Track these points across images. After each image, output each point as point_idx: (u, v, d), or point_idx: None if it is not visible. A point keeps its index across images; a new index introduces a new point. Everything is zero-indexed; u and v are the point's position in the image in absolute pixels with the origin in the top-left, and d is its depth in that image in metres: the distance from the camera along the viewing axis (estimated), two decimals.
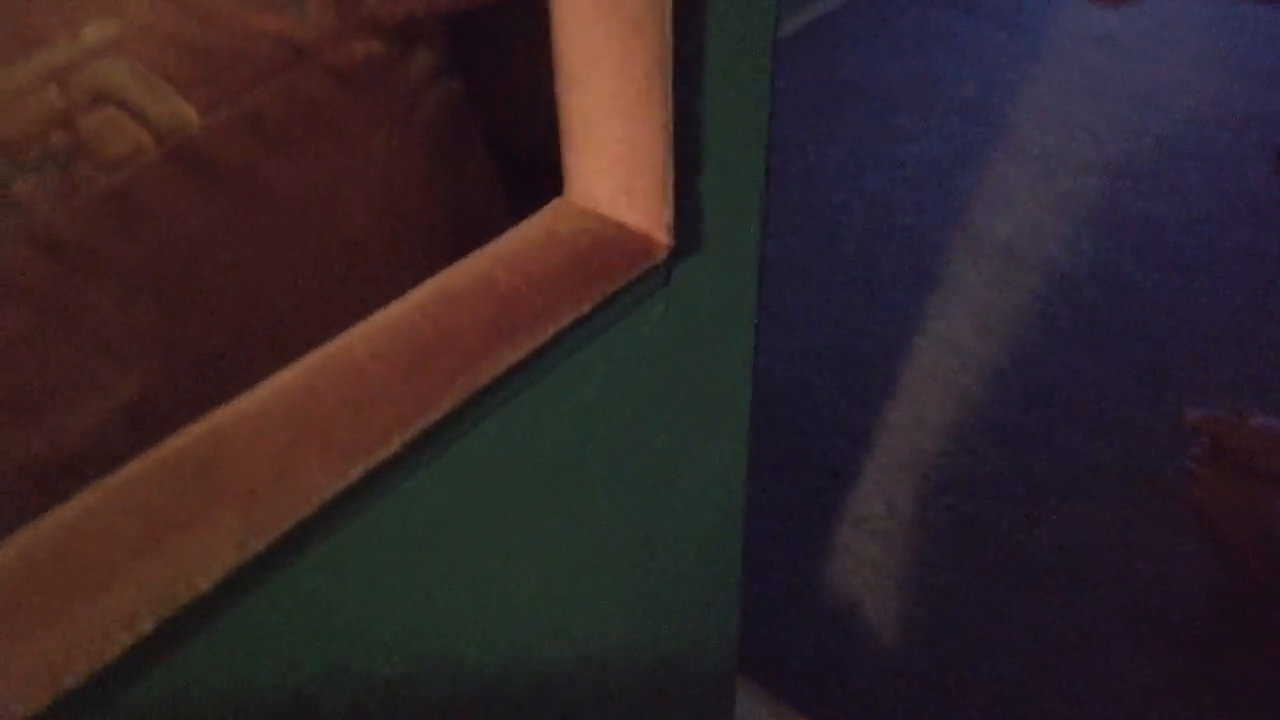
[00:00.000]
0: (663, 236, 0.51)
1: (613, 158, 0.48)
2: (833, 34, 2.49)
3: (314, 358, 0.41)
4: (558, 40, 0.46)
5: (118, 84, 0.38)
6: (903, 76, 2.28)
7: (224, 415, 0.38)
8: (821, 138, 2.08)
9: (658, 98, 0.46)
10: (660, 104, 0.46)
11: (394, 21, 0.42)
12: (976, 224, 1.81)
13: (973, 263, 1.72)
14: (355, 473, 0.38)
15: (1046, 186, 1.90)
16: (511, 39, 0.54)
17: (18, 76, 0.38)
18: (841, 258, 1.75)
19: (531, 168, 0.55)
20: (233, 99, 0.40)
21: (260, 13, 0.42)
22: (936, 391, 1.47)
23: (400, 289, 0.46)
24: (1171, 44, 2.37)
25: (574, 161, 0.50)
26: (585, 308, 0.47)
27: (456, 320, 0.44)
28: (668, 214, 0.50)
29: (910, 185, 1.92)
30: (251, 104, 0.41)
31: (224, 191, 0.39)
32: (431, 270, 0.47)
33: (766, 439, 1.40)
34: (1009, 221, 1.81)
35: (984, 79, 2.26)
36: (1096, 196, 1.86)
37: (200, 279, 0.39)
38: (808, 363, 1.53)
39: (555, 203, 0.52)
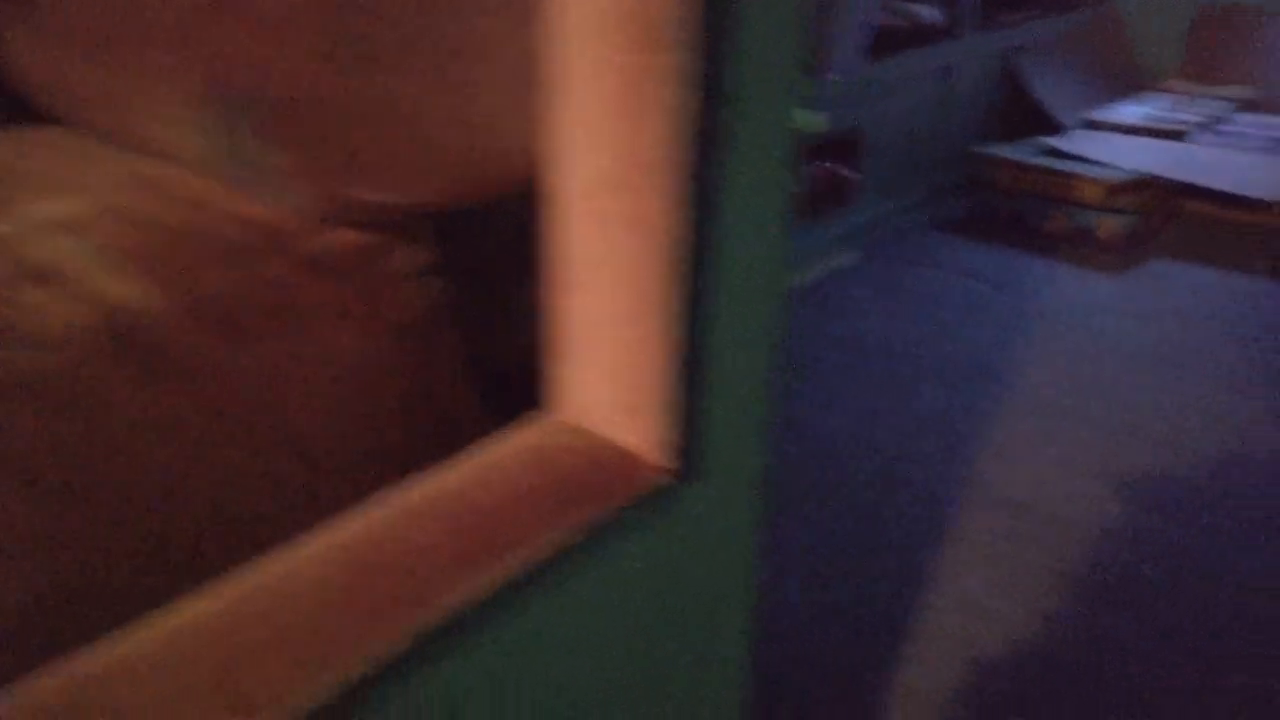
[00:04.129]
0: (664, 460, 0.45)
1: (611, 369, 0.44)
2: (842, 291, 2.56)
3: (235, 583, 0.34)
4: (555, 239, 0.43)
5: (67, 260, 0.35)
6: (912, 334, 2.31)
7: (110, 650, 0.31)
8: (832, 390, 2.07)
9: (666, 306, 0.42)
10: (671, 311, 0.42)
11: (374, 212, 0.39)
12: (989, 480, 1.76)
13: (983, 517, 1.65)
14: None
15: (1060, 444, 1.86)
16: (498, 238, 0.52)
17: None
18: (854, 510, 1.68)
19: (504, 379, 0.51)
20: (194, 283, 0.36)
21: (241, 198, 0.40)
22: (958, 656, 1.35)
23: (355, 501, 0.40)
24: (1168, 309, 2.42)
25: (564, 373, 0.46)
26: (572, 537, 0.41)
27: (415, 542, 0.38)
28: (672, 435, 0.45)
29: (922, 440, 1.89)
30: (213, 288, 0.37)
31: (167, 380, 0.35)
32: (393, 482, 0.41)
33: (775, 706, 1.27)
34: (1020, 477, 1.76)
35: (993, 339, 2.29)
36: (1108, 455, 1.82)
37: (123, 476, 0.33)
38: (822, 622, 1.42)
39: (541, 416, 0.46)
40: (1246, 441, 1.86)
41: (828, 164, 2.69)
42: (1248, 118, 3.35)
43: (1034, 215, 2.88)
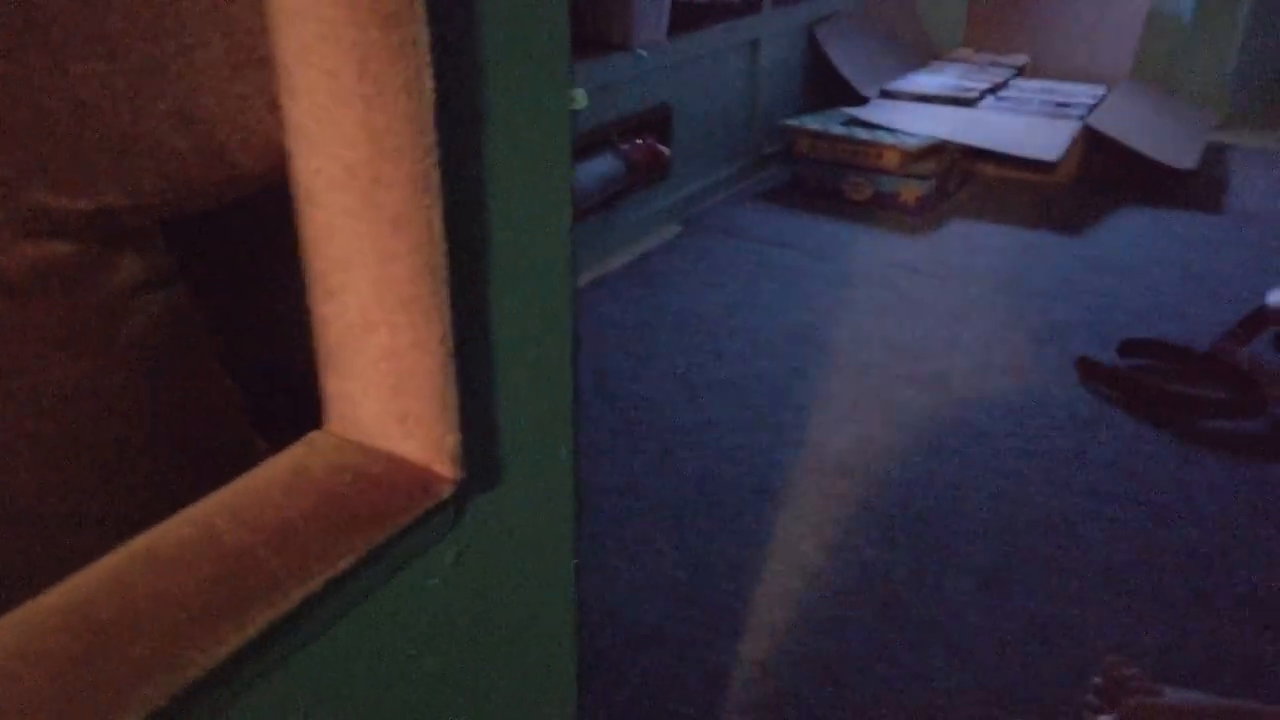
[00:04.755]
0: (447, 469, 0.42)
1: (379, 377, 0.40)
2: (660, 267, 2.58)
3: None
4: (308, 244, 0.39)
5: None
6: (729, 304, 2.36)
7: None
8: (655, 363, 2.08)
9: (430, 305, 0.38)
10: (434, 312, 0.39)
11: (80, 220, 0.34)
12: (810, 440, 1.82)
13: (810, 479, 1.70)
14: None
15: (872, 402, 1.94)
16: (257, 244, 0.47)
17: None
18: (684, 480, 1.69)
19: (292, 398, 0.46)
20: None
21: None
22: (790, 619, 1.38)
23: (88, 557, 0.35)
24: (966, 267, 2.57)
25: (334, 384, 0.41)
26: (343, 564, 0.37)
27: (160, 594, 0.33)
28: (452, 441, 0.42)
29: (745, 405, 1.93)
30: None
31: None
32: (137, 530, 0.37)
33: (614, 686, 1.27)
34: (840, 436, 1.82)
35: (804, 304, 2.36)
36: (919, 409, 1.92)
37: None
38: (656, 593, 1.43)
39: (311, 435, 0.42)
40: (1042, 390, 1.99)
41: (644, 140, 2.69)
42: (1027, 83, 3.60)
43: (841, 183, 2.99)
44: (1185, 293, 2.42)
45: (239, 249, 0.47)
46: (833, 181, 3.00)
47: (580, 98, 2.18)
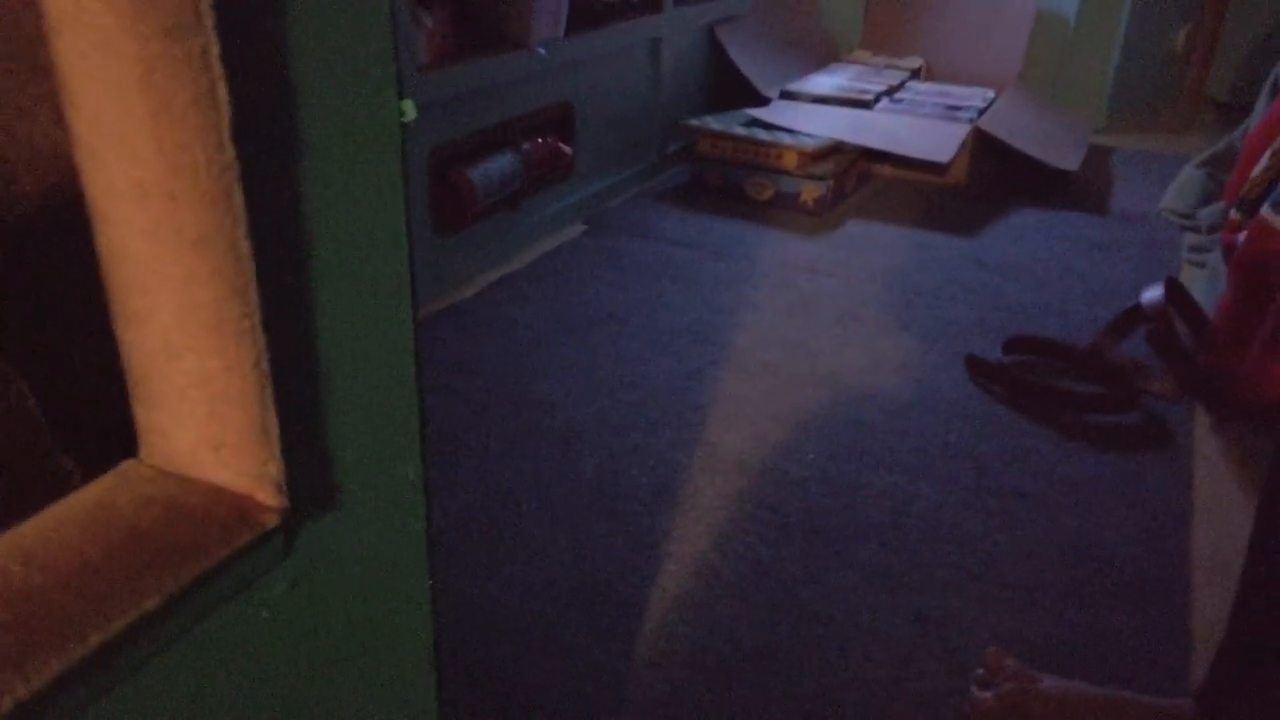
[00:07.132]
0: (270, 497, 0.40)
1: (190, 405, 0.38)
2: (563, 266, 2.57)
3: None
4: (105, 266, 0.37)
5: None
6: (632, 304, 2.36)
7: None
8: (557, 363, 2.07)
9: (240, 329, 0.37)
10: (245, 336, 0.37)
11: None
12: (710, 440, 1.83)
13: (708, 478, 1.71)
14: None
15: (769, 400, 1.97)
16: (62, 265, 0.44)
17: None
18: (581, 481, 1.69)
19: (109, 427, 0.44)
20: None
21: None
22: (686, 618, 1.39)
23: None
24: (862, 266, 2.62)
25: (144, 414, 0.39)
26: (148, 605, 0.35)
27: None
28: (274, 468, 0.40)
29: (645, 406, 1.93)
30: None
31: None
32: None
33: (504, 690, 1.25)
34: (739, 435, 1.84)
35: (707, 304, 2.37)
36: (814, 407, 1.95)
37: None
38: (550, 597, 1.42)
39: (122, 466, 0.40)
40: (931, 387, 2.05)
41: (545, 139, 2.67)
42: (921, 86, 3.69)
43: (743, 183, 3.02)
44: (1068, 291, 2.52)
45: (48, 268, 0.44)
46: (735, 181, 3.03)
47: (409, 109, 2.14)
